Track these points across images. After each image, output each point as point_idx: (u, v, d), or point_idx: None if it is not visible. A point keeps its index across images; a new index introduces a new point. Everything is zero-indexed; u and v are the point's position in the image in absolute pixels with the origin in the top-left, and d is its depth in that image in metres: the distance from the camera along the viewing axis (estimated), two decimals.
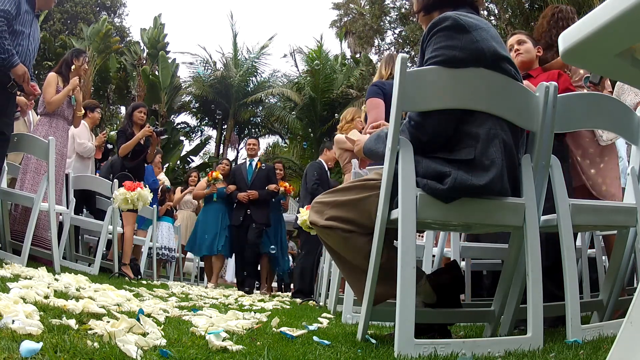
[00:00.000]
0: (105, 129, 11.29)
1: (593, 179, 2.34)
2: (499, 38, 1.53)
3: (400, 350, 1.28)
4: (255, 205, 5.84)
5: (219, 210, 6.11)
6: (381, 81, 3.15)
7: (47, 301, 1.63)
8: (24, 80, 3.06)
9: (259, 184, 5.91)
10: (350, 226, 1.55)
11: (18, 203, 3.73)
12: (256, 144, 6.30)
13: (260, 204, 5.86)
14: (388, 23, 19.87)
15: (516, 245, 1.58)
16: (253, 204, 5.85)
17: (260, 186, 5.89)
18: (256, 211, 5.84)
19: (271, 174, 6.05)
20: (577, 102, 1.77)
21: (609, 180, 2.33)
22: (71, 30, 19.33)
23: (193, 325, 1.54)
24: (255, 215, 5.81)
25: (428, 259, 2.76)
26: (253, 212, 5.83)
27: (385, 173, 1.46)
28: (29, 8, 3.16)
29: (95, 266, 4.08)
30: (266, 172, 6.02)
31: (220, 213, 6.10)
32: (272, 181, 5.96)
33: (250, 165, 6.11)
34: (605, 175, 2.34)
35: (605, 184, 2.32)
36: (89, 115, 4.97)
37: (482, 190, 1.41)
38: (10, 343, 0.97)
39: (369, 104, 3.01)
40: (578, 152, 2.39)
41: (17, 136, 3.50)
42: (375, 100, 2.95)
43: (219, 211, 6.10)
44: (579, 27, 0.62)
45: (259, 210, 5.85)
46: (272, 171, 6.13)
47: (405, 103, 1.44)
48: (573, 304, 1.51)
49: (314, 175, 4.91)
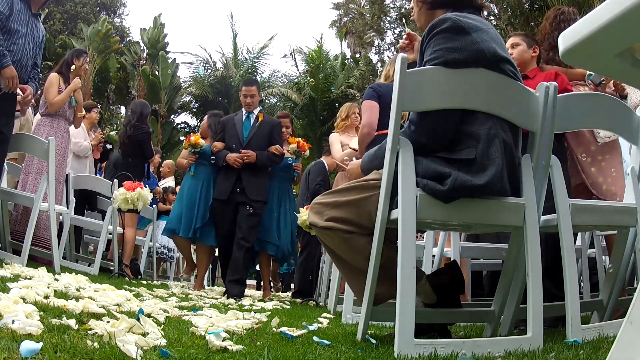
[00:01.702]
0: (105, 129, 11.29)
1: (593, 178, 2.33)
2: (499, 39, 1.53)
3: (400, 350, 1.28)
4: (251, 173, 4.10)
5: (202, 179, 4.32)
6: (378, 83, 3.17)
7: (47, 301, 1.63)
8: (12, 84, 3.06)
9: (259, 143, 4.16)
10: (350, 227, 1.55)
11: (18, 203, 3.74)
12: (255, 92, 4.30)
13: (258, 172, 4.14)
14: (388, 23, 19.87)
15: (516, 245, 1.58)
16: (247, 171, 4.09)
17: (259, 146, 4.14)
18: (251, 182, 4.10)
19: (276, 131, 4.30)
20: (577, 102, 1.77)
21: (610, 179, 2.32)
22: (71, 30, 19.33)
23: (193, 325, 1.54)
24: (250, 189, 4.07)
25: (428, 259, 2.76)
26: (247, 184, 4.07)
27: (385, 173, 1.46)
28: (23, 7, 3.16)
29: (95, 266, 4.08)
30: (269, 128, 4.24)
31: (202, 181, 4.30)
32: (276, 142, 4.22)
33: (248, 117, 4.28)
34: (607, 174, 2.33)
35: (605, 182, 2.31)
36: (86, 115, 4.97)
37: (482, 190, 1.41)
38: (10, 343, 0.97)
39: (363, 106, 3.04)
40: (579, 150, 2.39)
41: (18, 136, 3.51)
42: (370, 102, 2.97)
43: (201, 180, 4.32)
44: (579, 27, 0.62)
45: (255, 180, 4.11)
46: (277, 128, 4.34)
47: (405, 103, 1.44)
48: (573, 304, 1.51)
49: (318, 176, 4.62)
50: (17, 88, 3.13)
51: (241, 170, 4.08)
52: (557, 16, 2.63)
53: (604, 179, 2.32)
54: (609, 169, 2.34)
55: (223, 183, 4.16)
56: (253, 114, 4.28)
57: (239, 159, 4.06)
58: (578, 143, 2.40)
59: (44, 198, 3.36)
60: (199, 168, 4.32)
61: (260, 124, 4.25)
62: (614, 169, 2.35)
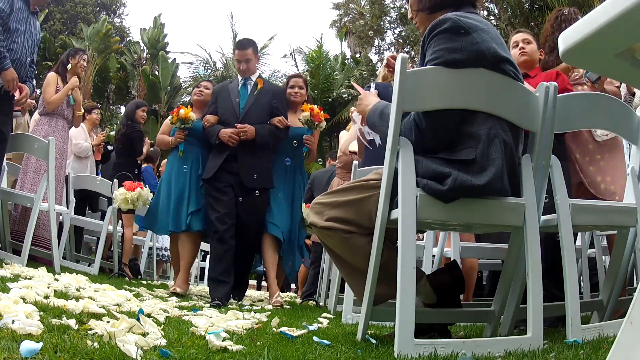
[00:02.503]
0: (105, 129, 11.28)
1: (591, 177, 2.32)
2: (499, 39, 1.53)
3: (400, 350, 1.28)
4: (249, 153, 3.29)
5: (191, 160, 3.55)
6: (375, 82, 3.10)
7: (47, 301, 1.63)
8: (12, 86, 3.06)
9: (258, 115, 3.34)
10: (350, 227, 1.55)
11: (18, 203, 3.74)
12: (250, 56, 3.46)
13: (259, 151, 3.32)
14: (388, 23, 19.88)
15: (516, 245, 1.58)
16: (245, 151, 3.29)
17: (259, 119, 3.33)
18: (248, 163, 3.29)
19: (279, 100, 3.46)
20: (577, 102, 1.77)
21: (609, 178, 2.31)
22: (71, 30, 19.33)
23: (193, 325, 1.54)
24: (247, 172, 3.27)
25: (428, 259, 2.76)
26: (242, 166, 3.28)
27: (385, 173, 1.46)
28: (23, 5, 3.17)
29: (95, 266, 4.08)
30: (270, 96, 3.42)
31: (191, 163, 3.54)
32: (280, 113, 3.38)
33: (245, 85, 3.46)
34: (606, 174, 2.32)
35: (604, 182, 2.30)
36: (87, 117, 4.97)
37: (483, 190, 1.41)
38: (10, 343, 0.97)
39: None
40: (577, 149, 2.38)
41: (17, 136, 3.51)
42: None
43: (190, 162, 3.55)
44: (579, 27, 0.62)
45: (253, 161, 3.30)
46: (280, 95, 3.51)
47: (405, 103, 1.44)
48: (573, 304, 1.51)
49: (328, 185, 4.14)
50: (17, 89, 3.13)
51: (238, 149, 3.26)
52: (558, 17, 2.63)
53: (603, 178, 2.31)
54: (608, 168, 2.33)
55: (214, 163, 3.34)
56: (250, 81, 3.45)
57: (235, 134, 3.25)
58: (576, 143, 2.39)
59: (44, 198, 3.37)
60: (188, 149, 3.55)
61: (259, 91, 3.41)
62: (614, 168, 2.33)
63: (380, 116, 1.59)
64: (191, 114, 3.48)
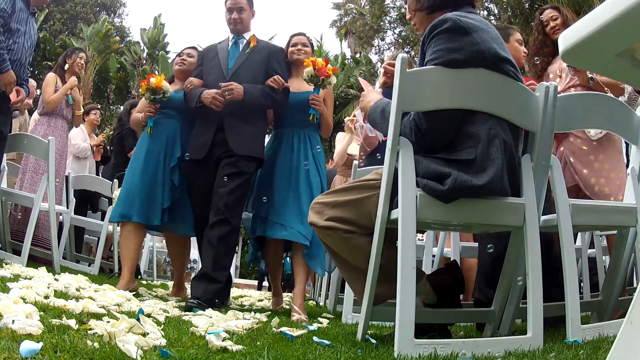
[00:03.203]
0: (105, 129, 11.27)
1: (585, 180, 2.30)
2: (499, 39, 1.53)
3: (400, 350, 1.28)
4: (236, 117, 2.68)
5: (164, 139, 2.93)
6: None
7: (47, 301, 1.63)
8: (9, 90, 3.06)
9: (249, 75, 2.74)
10: (350, 226, 1.55)
11: (18, 203, 3.74)
12: (244, 5, 2.90)
13: (248, 116, 2.71)
14: (388, 23, 19.89)
15: (516, 245, 1.58)
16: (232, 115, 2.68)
17: (250, 79, 2.72)
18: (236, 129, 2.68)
19: (275, 59, 2.83)
20: (577, 102, 1.77)
21: (603, 180, 2.29)
22: (71, 30, 19.33)
23: (193, 325, 1.54)
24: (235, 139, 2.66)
25: (428, 259, 2.76)
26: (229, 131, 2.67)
27: (385, 173, 1.46)
28: (23, 6, 3.17)
29: (95, 266, 4.08)
30: (265, 55, 2.81)
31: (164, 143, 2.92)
32: (277, 73, 2.75)
33: (236, 44, 2.87)
34: (600, 175, 2.30)
35: (598, 184, 2.28)
36: (85, 118, 4.97)
37: (483, 190, 1.41)
38: (10, 343, 0.97)
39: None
40: (570, 152, 2.36)
41: (16, 136, 3.51)
42: None
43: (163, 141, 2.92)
44: (579, 27, 0.62)
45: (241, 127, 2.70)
46: (278, 55, 2.88)
47: (405, 103, 1.44)
48: (573, 304, 1.51)
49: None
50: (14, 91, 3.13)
51: (223, 114, 2.66)
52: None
53: (597, 180, 2.29)
54: (603, 170, 2.31)
55: (198, 137, 2.76)
56: (243, 39, 2.87)
57: (218, 95, 2.63)
58: (569, 145, 2.38)
59: (44, 198, 3.37)
60: (162, 123, 2.94)
61: (252, 50, 2.81)
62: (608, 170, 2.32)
63: (382, 114, 1.59)
64: (164, 84, 2.91)
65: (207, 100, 2.65)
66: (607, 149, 2.34)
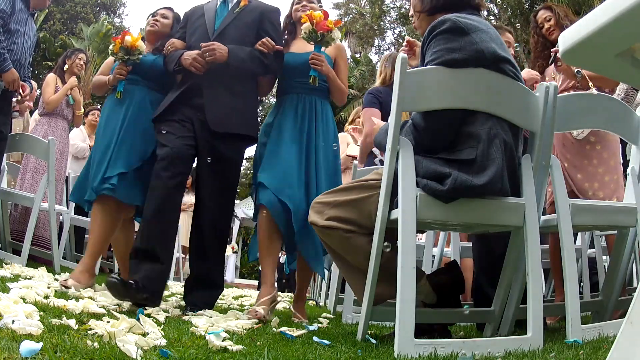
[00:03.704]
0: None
1: (579, 185, 2.28)
2: (499, 39, 1.53)
3: (400, 350, 1.28)
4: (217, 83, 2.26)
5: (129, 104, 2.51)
6: (377, 89, 3.03)
7: (47, 301, 1.63)
8: (15, 87, 3.06)
9: (237, 36, 2.31)
10: (350, 226, 1.55)
11: (18, 203, 3.74)
12: None
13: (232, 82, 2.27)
14: (388, 23, 19.90)
15: (516, 245, 1.58)
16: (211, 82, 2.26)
17: (237, 40, 2.29)
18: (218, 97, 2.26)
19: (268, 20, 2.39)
20: (577, 102, 1.77)
21: (597, 184, 2.27)
22: (71, 30, 19.33)
23: (193, 325, 1.54)
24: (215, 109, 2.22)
25: (428, 259, 2.76)
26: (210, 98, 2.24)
27: (385, 173, 1.46)
28: (23, 6, 3.17)
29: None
30: (257, 15, 2.38)
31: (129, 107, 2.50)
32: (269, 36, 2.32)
33: (225, 3, 2.42)
34: (593, 180, 2.29)
35: (592, 188, 2.26)
36: (84, 119, 4.97)
37: (483, 190, 1.41)
38: (10, 343, 0.97)
39: (364, 114, 2.93)
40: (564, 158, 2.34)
41: (17, 136, 3.51)
42: (371, 110, 2.85)
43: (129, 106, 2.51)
44: (579, 27, 0.62)
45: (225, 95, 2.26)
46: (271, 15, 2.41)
47: (405, 103, 1.44)
48: (573, 304, 1.51)
49: None
50: (18, 90, 3.13)
51: (203, 79, 2.25)
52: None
53: (590, 185, 2.28)
54: (597, 174, 2.29)
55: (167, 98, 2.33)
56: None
57: (198, 57, 2.22)
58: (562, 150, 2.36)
59: (44, 198, 3.37)
60: (129, 89, 2.54)
61: (243, 9, 2.37)
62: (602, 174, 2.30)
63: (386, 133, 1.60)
64: (140, 43, 2.51)
65: (186, 62, 2.24)
66: (601, 152, 2.32)
